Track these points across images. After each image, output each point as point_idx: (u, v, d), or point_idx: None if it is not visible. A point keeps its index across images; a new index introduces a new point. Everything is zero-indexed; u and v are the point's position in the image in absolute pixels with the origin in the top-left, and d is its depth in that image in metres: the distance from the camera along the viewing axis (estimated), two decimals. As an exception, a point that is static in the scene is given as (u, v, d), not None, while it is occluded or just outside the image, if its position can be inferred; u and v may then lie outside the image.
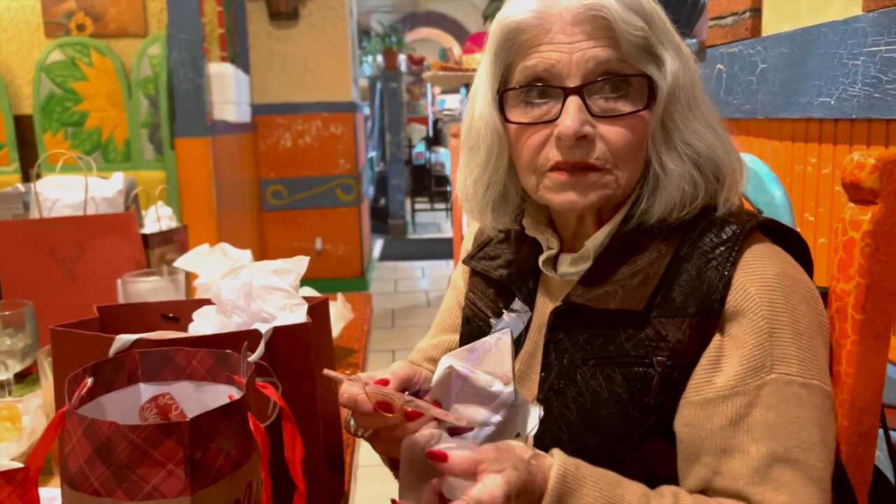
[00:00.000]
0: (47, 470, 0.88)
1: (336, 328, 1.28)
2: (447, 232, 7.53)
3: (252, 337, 0.69)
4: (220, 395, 0.62)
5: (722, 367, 0.69)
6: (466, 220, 3.03)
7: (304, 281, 0.87)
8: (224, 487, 0.52)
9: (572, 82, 0.71)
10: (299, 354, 0.73)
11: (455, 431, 0.67)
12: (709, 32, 1.85)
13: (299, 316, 0.77)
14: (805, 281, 0.73)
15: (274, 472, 0.58)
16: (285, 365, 0.72)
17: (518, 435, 0.70)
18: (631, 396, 0.70)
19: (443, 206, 8.95)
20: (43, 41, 3.70)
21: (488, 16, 3.99)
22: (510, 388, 0.66)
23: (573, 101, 0.71)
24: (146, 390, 0.64)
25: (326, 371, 0.68)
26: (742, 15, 1.68)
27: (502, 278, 0.85)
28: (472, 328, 0.86)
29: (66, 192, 1.35)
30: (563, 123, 0.71)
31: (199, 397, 0.63)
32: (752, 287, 0.70)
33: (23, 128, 3.70)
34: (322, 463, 0.77)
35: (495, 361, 0.67)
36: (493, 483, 0.59)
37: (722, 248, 0.72)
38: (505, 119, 0.76)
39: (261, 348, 0.69)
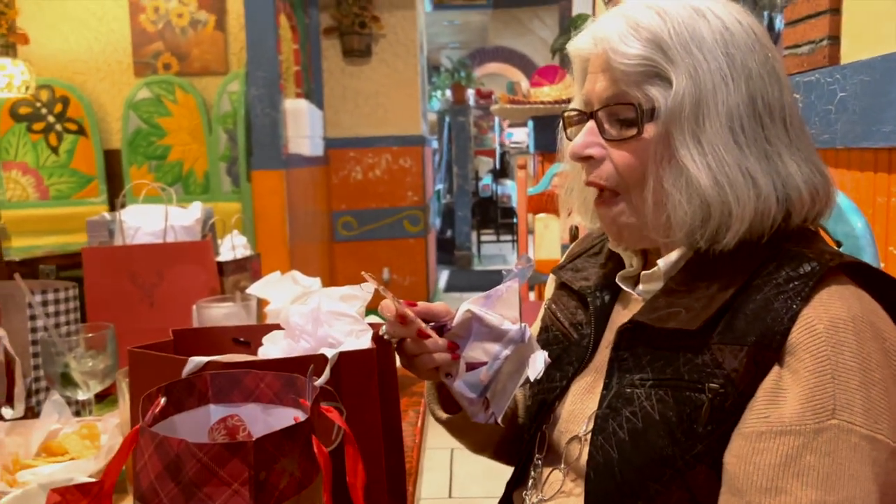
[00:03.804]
0: (122, 489, 0.91)
1: (401, 357, 1.28)
2: (513, 264, 7.50)
3: (318, 361, 0.71)
4: (286, 417, 0.63)
5: (779, 402, 0.66)
6: (533, 250, 3.01)
7: (371, 310, 0.89)
8: (287, 509, 0.52)
9: (595, 108, 0.78)
10: (364, 380, 0.73)
11: (472, 366, 0.79)
12: (784, 62, 1.81)
13: (364, 342, 0.77)
14: (890, 332, 0.69)
15: (336, 498, 0.58)
16: (350, 390, 0.73)
17: (527, 379, 0.79)
18: (680, 421, 0.69)
19: (509, 237, 8.94)
20: (132, 80, 3.93)
21: (556, 49, 4.00)
22: (517, 327, 0.77)
23: (588, 125, 0.78)
24: (216, 411, 0.65)
25: (365, 273, 0.77)
26: (819, 43, 1.63)
27: (582, 290, 0.87)
28: (549, 336, 0.89)
29: (147, 220, 1.41)
30: (572, 143, 0.79)
31: (265, 419, 0.65)
32: (819, 325, 0.66)
33: (111, 161, 3.92)
34: (384, 490, 0.77)
35: (506, 306, 0.78)
36: None
37: (796, 283, 0.69)
38: (569, 137, 0.84)
39: (326, 372, 0.70)
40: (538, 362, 0.78)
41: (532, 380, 0.79)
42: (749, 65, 0.73)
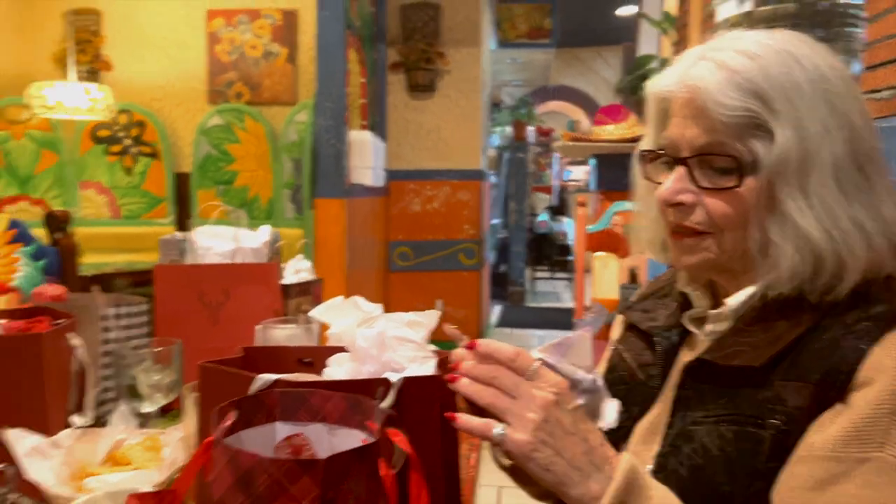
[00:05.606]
0: (181, 501, 0.92)
1: (458, 388, 1.28)
2: (567, 302, 7.42)
3: (383, 385, 0.71)
4: (352, 439, 0.63)
5: (826, 427, 0.65)
6: (590, 289, 2.97)
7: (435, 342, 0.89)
8: (351, 531, 0.52)
9: (684, 154, 0.76)
10: (426, 407, 0.73)
11: None
12: (861, 106, 1.76)
13: (428, 368, 0.77)
14: None
15: (397, 523, 0.58)
16: (412, 416, 0.73)
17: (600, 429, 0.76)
18: (739, 457, 0.68)
19: (563, 275, 8.86)
20: (205, 107, 4.07)
21: (621, 89, 4.00)
22: (591, 376, 0.73)
23: (678, 171, 0.76)
24: (282, 429, 0.66)
25: (447, 327, 0.75)
26: (900, 88, 1.59)
27: (649, 330, 0.86)
28: (615, 377, 0.87)
29: (217, 241, 1.45)
30: (661, 188, 0.77)
31: (330, 440, 0.65)
32: (888, 360, 0.65)
33: (181, 184, 4.05)
34: (442, 521, 0.76)
35: (578, 354, 0.74)
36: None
37: (866, 324, 0.68)
38: (644, 175, 0.83)
39: (391, 396, 0.70)
40: (611, 412, 0.76)
41: (605, 430, 0.77)
42: (849, 113, 0.72)
